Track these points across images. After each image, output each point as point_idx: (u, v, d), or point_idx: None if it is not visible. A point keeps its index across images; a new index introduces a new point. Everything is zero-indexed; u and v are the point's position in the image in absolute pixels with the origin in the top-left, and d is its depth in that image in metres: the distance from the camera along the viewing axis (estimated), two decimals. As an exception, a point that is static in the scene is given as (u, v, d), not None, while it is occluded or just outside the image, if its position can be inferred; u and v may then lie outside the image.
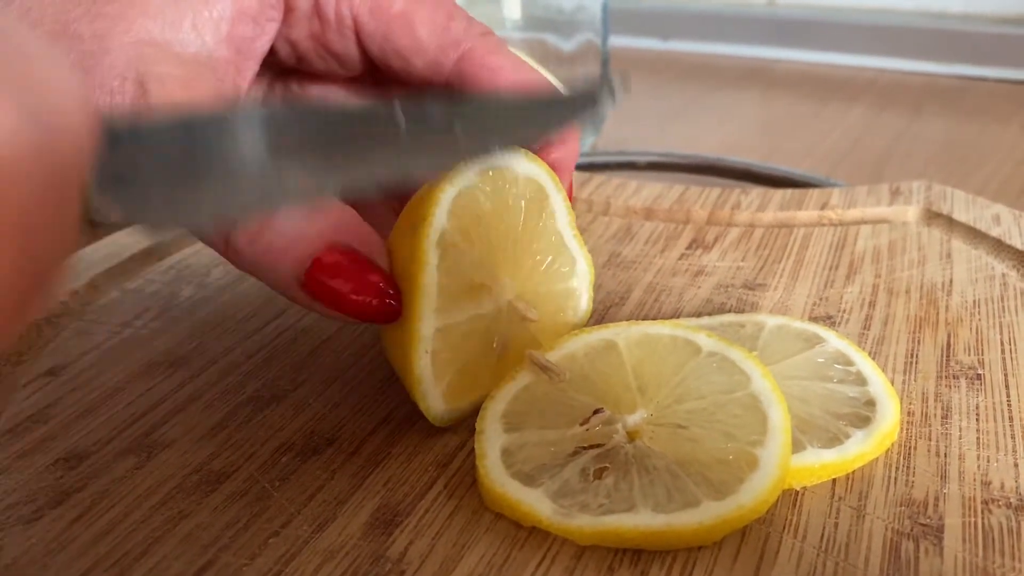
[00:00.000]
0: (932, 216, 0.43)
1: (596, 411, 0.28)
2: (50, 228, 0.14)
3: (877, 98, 0.74)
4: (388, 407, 0.31)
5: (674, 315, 0.36)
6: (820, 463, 0.26)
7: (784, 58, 0.86)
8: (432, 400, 0.28)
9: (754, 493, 0.24)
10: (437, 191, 0.27)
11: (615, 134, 0.67)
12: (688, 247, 0.42)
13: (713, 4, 0.91)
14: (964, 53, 0.78)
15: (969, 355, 0.32)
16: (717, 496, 0.24)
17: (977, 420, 0.29)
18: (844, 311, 0.36)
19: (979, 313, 0.35)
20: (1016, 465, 0.27)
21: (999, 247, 0.39)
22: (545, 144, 0.30)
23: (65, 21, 0.26)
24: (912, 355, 0.33)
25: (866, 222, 0.44)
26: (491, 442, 0.27)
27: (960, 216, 0.42)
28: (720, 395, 0.28)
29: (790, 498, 0.26)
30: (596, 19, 0.62)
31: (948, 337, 0.34)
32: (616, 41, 0.86)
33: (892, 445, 0.28)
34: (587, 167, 0.58)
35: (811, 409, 0.28)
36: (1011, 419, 0.29)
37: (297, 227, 0.25)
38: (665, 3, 0.93)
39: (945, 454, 0.28)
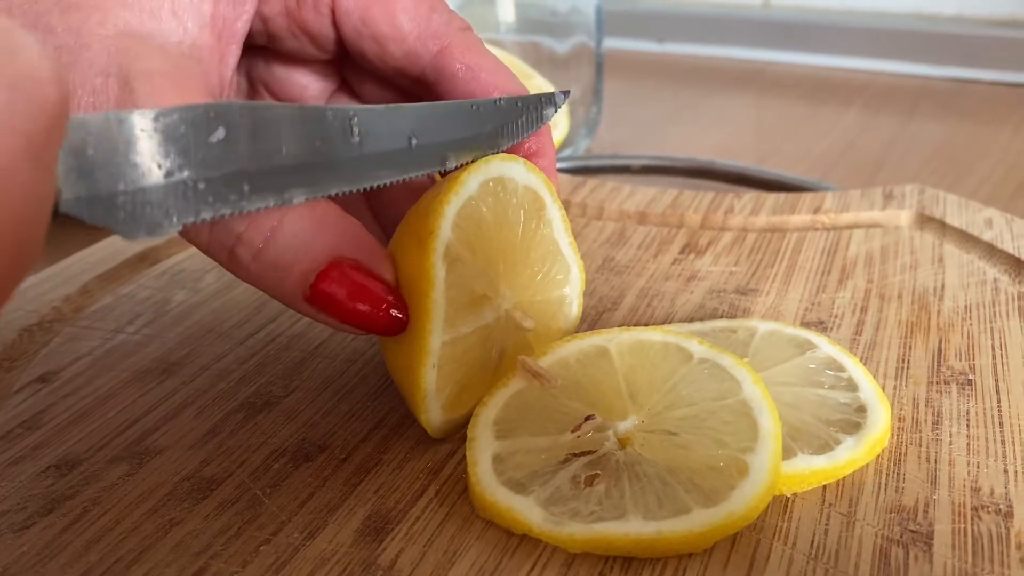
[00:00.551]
0: (925, 220, 0.43)
1: (587, 417, 0.28)
2: (24, 200, 0.14)
3: (871, 101, 0.74)
4: (380, 414, 0.31)
5: (666, 320, 0.36)
6: (810, 470, 0.27)
7: (779, 61, 0.86)
8: (433, 413, 0.28)
9: (745, 500, 0.24)
10: (442, 203, 0.27)
11: (609, 137, 0.67)
12: (681, 251, 0.42)
13: (708, 6, 0.91)
14: (958, 56, 0.78)
15: (960, 360, 0.32)
16: (708, 503, 0.25)
17: (968, 426, 0.29)
18: (836, 316, 0.36)
19: (971, 318, 0.35)
20: (1006, 471, 0.27)
21: (991, 251, 0.39)
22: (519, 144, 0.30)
23: (35, 12, 0.24)
24: (903, 360, 0.33)
25: (859, 226, 0.44)
26: (482, 449, 0.27)
27: (952, 220, 0.42)
28: (711, 402, 0.28)
29: (780, 505, 0.26)
30: (590, 21, 0.62)
31: (939, 342, 0.34)
32: (610, 43, 0.86)
33: (883, 451, 0.28)
34: (581, 171, 0.58)
35: (802, 415, 0.28)
36: (1001, 425, 0.29)
37: (302, 241, 0.25)
38: (659, 5, 0.93)
39: (935, 460, 0.28)
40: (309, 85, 0.32)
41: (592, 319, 0.37)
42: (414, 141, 0.27)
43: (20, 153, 0.13)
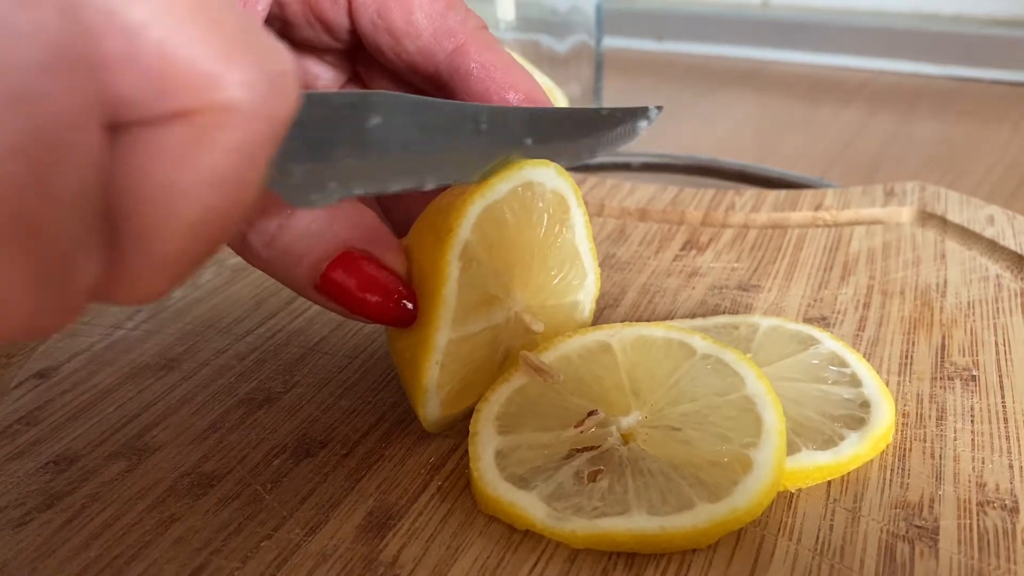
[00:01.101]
0: (926, 217, 0.43)
1: (590, 413, 0.27)
2: (250, 185, 0.16)
3: (870, 100, 0.74)
4: (381, 410, 0.31)
5: (668, 316, 0.36)
6: (815, 465, 0.26)
7: (778, 59, 0.86)
8: (431, 407, 0.28)
9: (749, 495, 0.24)
10: (466, 203, 0.27)
11: (609, 135, 0.67)
12: (682, 248, 0.42)
13: (707, 6, 0.91)
14: (956, 55, 0.78)
15: (964, 356, 0.32)
16: (712, 498, 0.24)
17: (972, 421, 0.29)
18: (838, 312, 0.36)
19: (973, 314, 0.35)
20: (1011, 466, 0.27)
21: (993, 248, 0.39)
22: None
23: None
24: (907, 356, 0.33)
25: (860, 223, 0.44)
26: (485, 445, 0.27)
27: (954, 217, 0.42)
28: (714, 397, 0.27)
29: (785, 500, 0.26)
30: (590, 20, 0.62)
31: (942, 338, 0.34)
32: (610, 42, 0.86)
33: (887, 447, 0.28)
34: (581, 168, 0.58)
35: (805, 411, 0.28)
36: (1006, 420, 0.29)
37: (315, 229, 0.25)
38: (659, 4, 0.93)
39: (940, 456, 0.28)
40: (321, 75, 0.32)
41: (594, 315, 0.37)
42: (528, 141, 0.28)
43: (266, 142, 0.15)
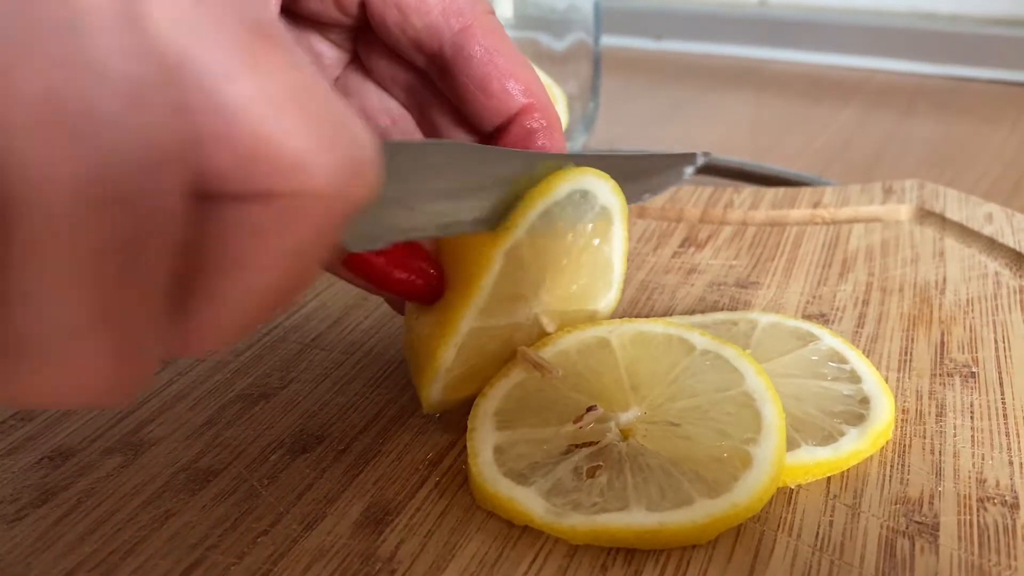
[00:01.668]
0: (925, 215, 0.43)
1: (589, 409, 0.27)
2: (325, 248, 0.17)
3: (868, 98, 0.74)
4: (378, 405, 0.31)
5: (667, 313, 0.36)
6: (815, 461, 0.26)
7: (776, 58, 0.86)
8: (435, 389, 0.28)
9: (748, 491, 0.24)
10: (527, 207, 0.27)
11: (607, 133, 0.67)
12: (681, 245, 0.42)
13: (705, 4, 0.91)
14: (955, 54, 0.78)
15: (963, 353, 0.32)
16: (711, 494, 0.24)
17: (971, 418, 0.29)
18: (837, 309, 0.36)
19: (972, 311, 0.35)
20: (1011, 463, 0.27)
21: (992, 245, 0.39)
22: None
23: None
24: (906, 353, 0.33)
25: (859, 221, 0.43)
26: (483, 440, 0.27)
27: (953, 215, 0.42)
28: (714, 393, 0.27)
29: (785, 496, 0.26)
30: (588, 18, 0.62)
31: (942, 335, 0.33)
32: (608, 41, 0.85)
33: (887, 443, 0.28)
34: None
35: (805, 407, 0.28)
36: (1006, 417, 0.29)
37: None
38: (657, 3, 0.92)
39: (940, 452, 0.27)
40: (325, 53, 0.32)
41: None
42: None
43: (342, 222, 0.16)
